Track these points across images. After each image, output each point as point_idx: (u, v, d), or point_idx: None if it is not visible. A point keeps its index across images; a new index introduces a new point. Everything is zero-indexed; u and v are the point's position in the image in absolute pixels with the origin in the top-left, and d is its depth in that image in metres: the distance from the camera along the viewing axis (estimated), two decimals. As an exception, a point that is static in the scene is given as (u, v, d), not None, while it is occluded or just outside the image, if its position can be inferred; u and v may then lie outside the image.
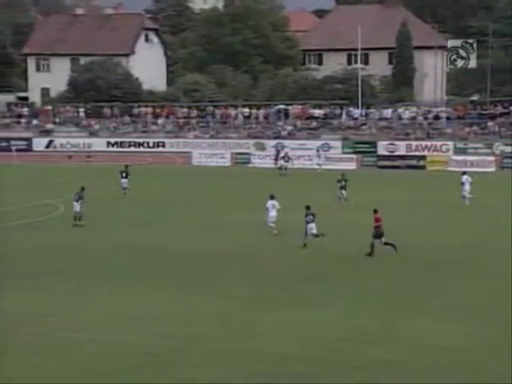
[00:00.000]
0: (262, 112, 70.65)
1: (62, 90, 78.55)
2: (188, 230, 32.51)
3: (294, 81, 76.75)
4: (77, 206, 33.52)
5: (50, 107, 74.12)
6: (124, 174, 41.66)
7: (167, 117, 72.20)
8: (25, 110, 74.12)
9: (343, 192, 38.49)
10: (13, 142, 65.82)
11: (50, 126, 71.14)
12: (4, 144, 66.30)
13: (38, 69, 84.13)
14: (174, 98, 77.03)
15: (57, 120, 72.34)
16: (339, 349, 17.72)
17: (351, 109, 68.57)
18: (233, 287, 23.25)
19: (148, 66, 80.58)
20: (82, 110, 73.06)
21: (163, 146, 67.22)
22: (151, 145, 67.11)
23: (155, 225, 33.63)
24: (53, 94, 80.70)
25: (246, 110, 71.09)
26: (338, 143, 62.48)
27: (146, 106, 73.26)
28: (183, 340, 18.33)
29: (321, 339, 18.29)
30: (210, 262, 26.59)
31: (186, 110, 72.63)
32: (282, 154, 54.79)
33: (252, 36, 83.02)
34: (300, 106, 70.20)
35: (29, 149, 66.24)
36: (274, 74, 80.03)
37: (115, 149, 65.99)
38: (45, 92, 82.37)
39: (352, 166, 55.76)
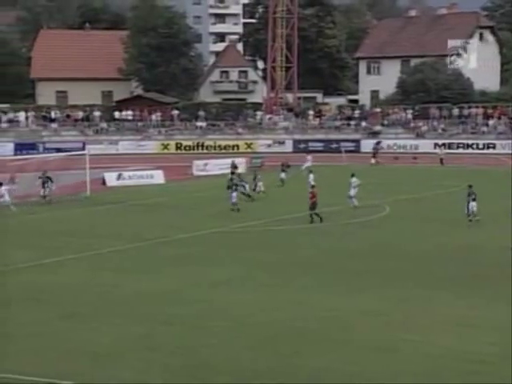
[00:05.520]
0: None
1: (390, 93, 79.08)
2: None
3: None
4: None
5: (378, 109, 75.01)
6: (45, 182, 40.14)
7: (499, 118, 69.22)
8: (355, 113, 75.84)
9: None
10: (342, 144, 67.73)
11: (378, 127, 71.98)
12: (334, 145, 68.47)
13: (368, 72, 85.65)
14: (507, 98, 73.65)
15: (385, 122, 72.98)
16: None
17: None
18: None
19: (480, 65, 77.93)
20: (409, 111, 72.89)
21: (493, 147, 64.60)
22: (481, 146, 64.84)
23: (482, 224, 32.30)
24: (382, 96, 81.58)
25: None
26: None
27: (477, 107, 70.92)
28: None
29: None
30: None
31: (520, 110, 69.14)
32: None
33: None
34: None
35: (357, 150, 67.61)
36: None
37: (443, 150, 64.69)
38: (374, 94, 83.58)
39: None
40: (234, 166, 48.12)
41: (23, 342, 18.16)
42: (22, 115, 72.34)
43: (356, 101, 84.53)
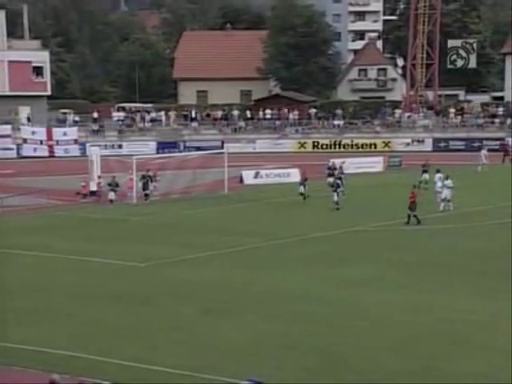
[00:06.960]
0: None
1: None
2: None
3: None
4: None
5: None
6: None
7: None
8: (499, 110, 72.97)
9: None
10: (485, 142, 65.33)
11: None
12: (476, 144, 66.13)
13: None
14: None
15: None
16: None
17: None
18: None
19: None
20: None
21: None
22: None
23: None
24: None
25: None
26: None
27: None
28: None
29: None
30: None
31: None
32: None
33: None
34: None
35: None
36: None
37: None
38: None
39: None
40: (334, 168, 47.40)
41: (161, 335, 18.51)
42: (162, 114, 74.39)
43: (501, 98, 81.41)
